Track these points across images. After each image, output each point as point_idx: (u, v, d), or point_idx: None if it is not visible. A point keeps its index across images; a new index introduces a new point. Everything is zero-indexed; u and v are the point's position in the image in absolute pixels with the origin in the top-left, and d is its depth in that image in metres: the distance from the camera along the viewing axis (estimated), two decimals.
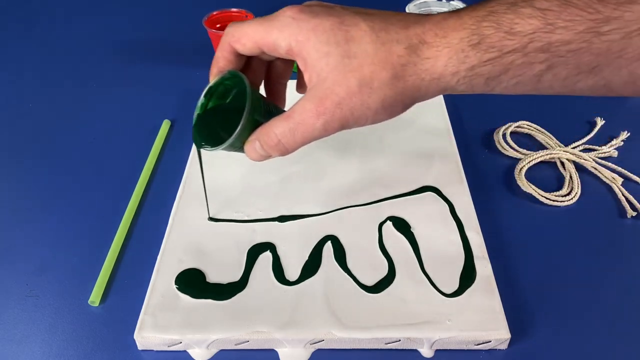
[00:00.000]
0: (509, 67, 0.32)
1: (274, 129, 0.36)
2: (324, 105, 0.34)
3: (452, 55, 0.32)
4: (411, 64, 0.33)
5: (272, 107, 0.40)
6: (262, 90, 0.43)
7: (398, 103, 0.35)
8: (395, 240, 0.46)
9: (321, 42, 0.34)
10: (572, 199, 0.51)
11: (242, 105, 0.37)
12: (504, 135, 0.58)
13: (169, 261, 0.45)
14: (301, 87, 0.43)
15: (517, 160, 0.56)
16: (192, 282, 0.43)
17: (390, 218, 0.48)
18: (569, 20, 0.30)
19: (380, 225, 0.47)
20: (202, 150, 0.41)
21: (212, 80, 0.40)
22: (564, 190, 0.52)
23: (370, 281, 0.43)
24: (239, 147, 0.39)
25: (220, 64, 0.39)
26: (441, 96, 0.62)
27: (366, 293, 0.42)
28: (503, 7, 0.31)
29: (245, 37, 0.37)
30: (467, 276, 0.43)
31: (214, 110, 0.41)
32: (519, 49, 0.31)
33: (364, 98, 0.34)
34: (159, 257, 0.45)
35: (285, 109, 0.40)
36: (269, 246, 0.46)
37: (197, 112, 0.41)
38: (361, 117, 0.35)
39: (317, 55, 0.34)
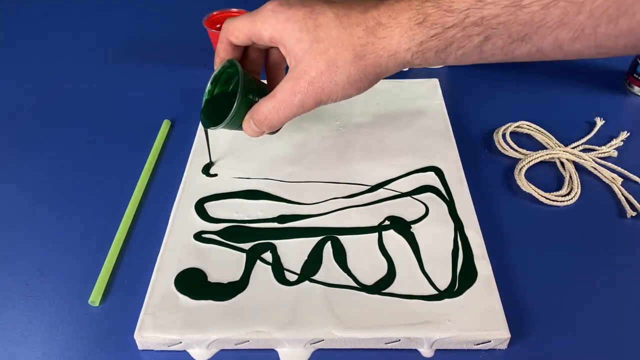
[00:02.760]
0: (452, 40, 0.37)
1: (262, 107, 0.42)
2: (299, 84, 0.40)
3: (403, 34, 0.38)
4: (370, 43, 0.38)
5: (265, 88, 0.46)
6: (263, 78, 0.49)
7: (362, 79, 0.40)
8: (395, 240, 0.46)
9: (294, 30, 0.39)
10: (571, 199, 0.51)
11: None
12: (503, 136, 0.58)
13: (169, 261, 0.45)
14: None
15: (517, 160, 0.56)
16: (192, 282, 0.43)
17: (390, 218, 0.48)
18: None
19: (380, 225, 0.47)
20: (209, 131, 0.51)
21: (216, 69, 0.46)
22: (564, 190, 0.52)
23: (370, 281, 0.43)
24: (238, 125, 0.45)
25: (221, 55, 0.45)
26: (441, 96, 0.62)
27: (366, 293, 0.42)
28: None
29: (237, 30, 0.43)
30: (467, 276, 0.43)
31: (219, 96, 0.48)
32: (458, 24, 0.36)
33: (332, 76, 0.39)
34: (159, 257, 0.45)
35: None
36: (269, 246, 0.46)
37: (204, 97, 0.48)
38: (332, 93, 0.40)
39: (292, 42, 0.40)
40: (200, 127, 0.58)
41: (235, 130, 0.47)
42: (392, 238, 0.46)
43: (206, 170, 0.53)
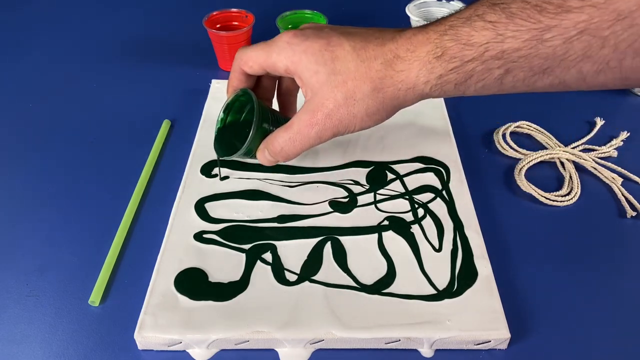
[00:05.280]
0: (471, 73, 0.36)
1: (278, 138, 0.42)
2: (316, 116, 0.40)
3: (422, 67, 0.37)
4: (388, 77, 0.38)
5: (279, 117, 0.45)
6: (275, 104, 0.49)
7: (380, 111, 0.40)
8: (394, 240, 0.46)
9: (311, 62, 0.39)
10: (571, 199, 0.51)
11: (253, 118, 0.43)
12: (503, 135, 0.58)
13: (169, 261, 0.45)
14: None
15: (517, 160, 0.56)
16: (192, 282, 0.43)
17: (390, 218, 0.48)
18: (516, 30, 0.34)
19: (380, 225, 0.48)
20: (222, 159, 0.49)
21: (228, 98, 0.46)
22: (564, 190, 0.52)
23: (370, 281, 0.43)
24: (253, 154, 0.45)
25: (234, 84, 0.45)
26: None
27: (366, 293, 0.42)
28: (460, 22, 0.36)
29: (251, 60, 0.43)
30: (467, 276, 0.43)
31: (231, 124, 0.48)
32: (477, 57, 0.35)
33: (350, 109, 0.39)
34: (159, 257, 0.45)
35: None
36: (269, 246, 0.46)
37: (217, 126, 0.47)
38: (350, 124, 0.40)
39: (309, 74, 0.39)
40: (201, 127, 0.58)
41: (249, 159, 0.46)
42: (392, 238, 0.46)
43: (206, 170, 0.53)
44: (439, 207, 0.49)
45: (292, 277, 0.43)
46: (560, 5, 0.32)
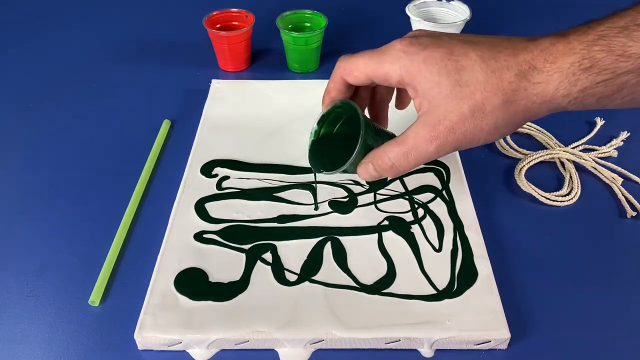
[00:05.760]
0: (622, 86, 0.33)
1: (388, 154, 0.39)
2: (437, 130, 0.37)
3: (563, 79, 0.34)
4: (522, 89, 0.35)
5: (380, 131, 0.43)
6: (366, 112, 0.47)
7: (509, 124, 0.37)
8: (394, 240, 0.46)
9: (432, 73, 0.36)
10: (572, 199, 0.51)
11: (353, 132, 0.41)
12: None
13: (169, 261, 0.45)
14: (400, 104, 0.47)
15: (517, 160, 0.56)
16: (192, 282, 0.43)
17: (390, 218, 0.48)
18: None
19: (380, 225, 0.48)
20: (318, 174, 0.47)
21: (324, 109, 0.44)
22: (564, 190, 0.52)
23: (370, 281, 0.43)
24: (352, 170, 0.42)
25: (332, 95, 0.43)
26: None
27: (366, 293, 0.42)
28: (614, 31, 0.33)
29: (357, 70, 0.40)
30: (467, 276, 0.43)
31: (326, 137, 0.45)
32: (634, 69, 0.32)
33: (477, 122, 0.36)
34: (159, 257, 0.45)
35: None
36: (269, 246, 0.46)
37: (311, 138, 0.45)
38: (474, 139, 0.37)
39: (429, 85, 0.37)
40: (201, 127, 0.58)
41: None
42: (391, 238, 0.46)
43: (206, 170, 0.53)
44: (439, 207, 0.49)
45: (292, 277, 0.43)
46: None
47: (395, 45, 0.38)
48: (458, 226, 0.47)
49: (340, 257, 0.45)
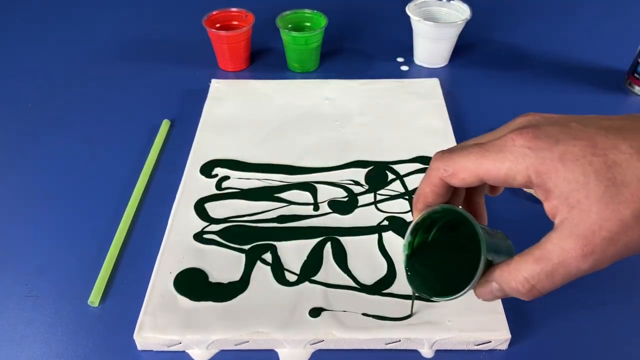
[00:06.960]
0: None
1: (522, 273, 0.32)
2: (593, 243, 0.30)
3: None
4: None
5: (497, 241, 0.36)
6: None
7: None
8: (394, 240, 0.46)
9: (574, 172, 0.30)
10: None
11: (454, 238, 0.36)
12: None
13: (169, 261, 0.45)
14: (495, 191, 0.40)
15: None
16: (192, 282, 0.43)
17: (390, 218, 0.48)
18: None
19: (380, 225, 0.47)
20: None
21: (418, 216, 0.36)
22: None
23: (370, 281, 0.43)
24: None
25: (429, 199, 0.35)
26: (441, 95, 0.62)
27: (366, 293, 0.42)
28: None
29: (464, 171, 0.33)
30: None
31: (421, 247, 0.38)
32: None
33: None
34: (158, 258, 0.45)
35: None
36: (269, 247, 0.46)
37: (405, 252, 0.36)
38: (638, 249, 0.31)
39: (570, 187, 0.30)
40: (201, 127, 0.58)
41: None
42: (391, 238, 0.46)
43: (206, 170, 0.53)
44: None
45: (292, 278, 0.43)
46: None
47: (515, 139, 0.31)
48: None
49: (340, 257, 0.45)
